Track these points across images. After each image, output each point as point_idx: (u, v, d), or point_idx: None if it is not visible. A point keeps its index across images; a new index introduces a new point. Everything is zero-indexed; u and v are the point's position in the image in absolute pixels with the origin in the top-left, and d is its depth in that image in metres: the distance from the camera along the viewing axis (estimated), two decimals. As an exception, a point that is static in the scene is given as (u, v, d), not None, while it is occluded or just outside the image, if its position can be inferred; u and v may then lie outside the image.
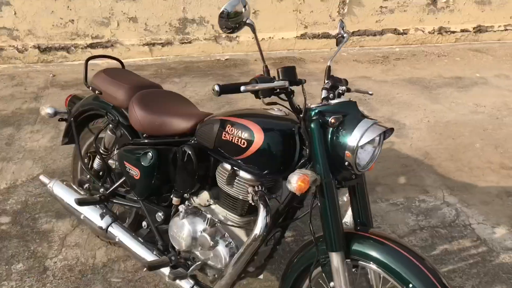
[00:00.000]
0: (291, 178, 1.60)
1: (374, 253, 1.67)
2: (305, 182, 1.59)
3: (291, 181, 1.59)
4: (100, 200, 2.34)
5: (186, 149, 2.05)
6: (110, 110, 2.34)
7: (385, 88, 4.92)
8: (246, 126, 1.80)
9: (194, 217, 2.07)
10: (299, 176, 1.59)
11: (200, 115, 2.12)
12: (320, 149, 1.65)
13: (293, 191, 1.60)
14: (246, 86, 1.62)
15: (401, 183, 3.23)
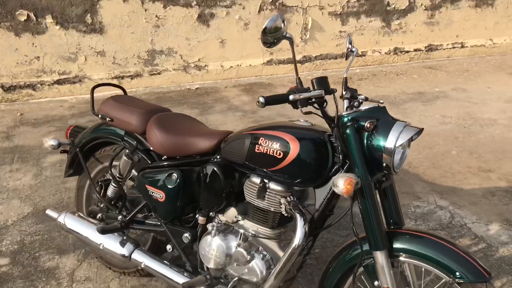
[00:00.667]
0: (337, 182, 1.67)
1: (415, 248, 1.75)
2: (352, 184, 1.67)
3: (338, 185, 1.66)
4: (121, 227, 2.30)
5: (212, 167, 2.08)
6: (125, 136, 2.32)
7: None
8: (280, 138, 1.86)
9: (226, 233, 2.09)
10: (346, 179, 1.66)
11: (221, 133, 2.16)
12: (358, 153, 1.74)
13: (341, 194, 1.67)
14: (293, 95, 1.70)
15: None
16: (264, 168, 1.91)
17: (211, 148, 2.13)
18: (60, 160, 3.97)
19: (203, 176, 2.10)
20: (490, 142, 4.23)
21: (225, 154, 2.05)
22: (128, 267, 2.53)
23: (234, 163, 2.03)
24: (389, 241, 1.79)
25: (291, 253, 1.87)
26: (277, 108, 5.10)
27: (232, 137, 2.07)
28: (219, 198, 2.08)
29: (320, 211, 1.93)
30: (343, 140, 1.78)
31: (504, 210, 3.19)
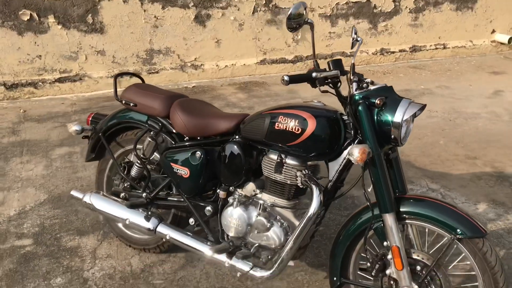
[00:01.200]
0: (353, 151, 1.89)
1: (420, 210, 1.98)
2: (365, 153, 1.89)
3: (353, 153, 1.88)
4: (147, 202, 2.48)
5: (233, 145, 2.29)
6: (149, 119, 2.51)
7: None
8: (298, 115, 2.09)
9: (246, 205, 2.30)
10: (360, 148, 1.88)
11: (239, 115, 2.37)
12: (369, 127, 1.97)
13: (355, 161, 1.89)
14: (315, 73, 1.93)
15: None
16: (283, 143, 2.13)
17: (230, 128, 2.33)
18: (68, 153, 4.13)
19: (224, 154, 2.31)
20: (474, 133, 4.53)
21: (245, 133, 2.26)
22: (148, 243, 2.72)
23: (254, 141, 2.24)
24: (396, 206, 2.01)
25: (308, 219, 2.09)
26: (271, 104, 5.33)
27: (251, 117, 2.28)
28: (239, 174, 2.29)
29: (333, 182, 2.15)
30: (355, 116, 2.01)
31: (491, 191, 3.46)
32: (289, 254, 2.15)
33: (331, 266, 2.21)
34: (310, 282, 2.58)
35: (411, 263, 2.00)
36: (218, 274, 2.63)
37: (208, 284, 2.56)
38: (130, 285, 2.55)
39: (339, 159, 2.12)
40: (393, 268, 2.00)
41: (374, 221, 2.04)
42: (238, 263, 2.24)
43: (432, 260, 1.96)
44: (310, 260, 2.74)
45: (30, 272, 2.64)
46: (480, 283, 1.91)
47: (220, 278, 2.60)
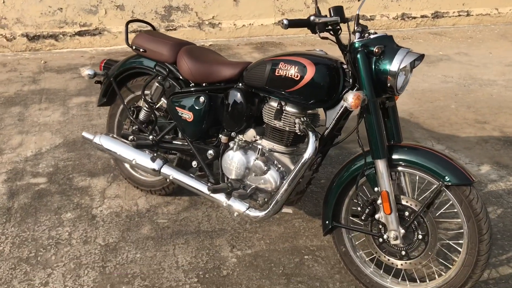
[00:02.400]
0: (347, 96, 1.94)
1: (411, 157, 2.04)
2: (359, 99, 1.95)
3: (348, 99, 1.94)
4: (153, 144, 2.60)
5: (236, 92, 2.36)
6: (158, 65, 2.59)
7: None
8: (298, 62, 2.14)
9: (246, 149, 2.39)
10: (354, 94, 1.94)
11: (243, 63, 2.44)
12: (366, 75, 2.01)
13: (349, 107, 1.95)
14: (314, 18, 1.98)
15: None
16: (282, 90, 2.19)
17: (234, 76, 2.41)
18: (85, 102, 4.27)
19: (227, 100, 2.39)
20: (487, 99, 4.50)
21: (247, 80, 2.33)
22: (154, 185, 2.85)
23: (256, 87, 2.31)
24: (389, 153, 2.07)
25: (303, 164, 2.17)
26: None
27: (253, 64, 2.34)
28: (240, 120, 2.37)
29: (329, 130, 2.21)
30: (353, 64, 2.05)
31: (496, 154, 3.48)
32: (283, 196, 2.25)
33: (324, 211, 2.29)
34: (307, 229, 2.68)
35: (400, 209, 2.07)
36: (219, 216, 2.75)
37: (209, 225, 2.68)
38: (135, 222, 2.69)
39: (336, 107, 2.18)
40: (382, 212, 2.08)
41: (366, 167, 2.11)
42: (235, 203, 2.35)
43: (420, 206, 2.03)
44: (309, 209, 2.84)
45: (43, 207, 2.80)
46: (464, 229, 1.98)
47: (221, 220, 2.72)
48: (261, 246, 2.54)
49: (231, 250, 2.50)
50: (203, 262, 2.41)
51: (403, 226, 2.06)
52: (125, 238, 2.56)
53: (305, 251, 2.52)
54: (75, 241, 2.53)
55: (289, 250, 2.52)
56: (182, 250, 2.49)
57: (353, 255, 2.28)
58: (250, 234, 2.63)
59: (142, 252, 2.47)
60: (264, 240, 2.58)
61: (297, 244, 2.56)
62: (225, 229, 2.66)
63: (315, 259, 2.47)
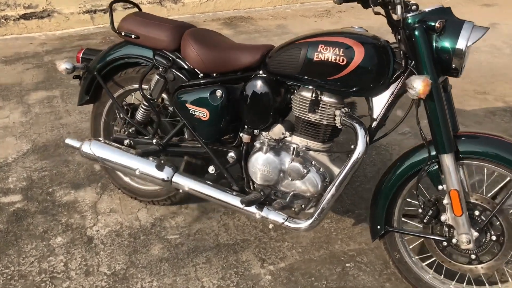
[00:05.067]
0: (414, 83, 1.62)
1: (479, 148, 1.76)
2: (429, 85, 1.63)
3: (415, 86, 1.61)
4: (159, 150, 2.18)
5: (259, 82, 1.99)
6: (156, 54, 2.15)
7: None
8: (343, 43, 1.79)
9: (277, 149, 2.03)
10: (423, 80, 1.62)
11: (263, 47, 2.05)
12: (428, 55, 1.69)
13: (417, 95, 1.63)
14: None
15: (398, 115, 3.40)
16: (322, 77, 1.84)
17: (254, 62, 2.02)
18: (46, 97, 3.71)
19: (248, 92, 2.00)
20: (478, 68, 4.33)
21: (273, 68, 1.95)
22: (158, 195, 2.43)
23: (284, 75, 1.95)
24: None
25: (354, 163, 1.84)
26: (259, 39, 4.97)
27: (280, 49, 1.96)
28: (266, 115, 2.01)
29: (379, 121, 1.89)
30: (409, 43, 1.72)
31: (508, 127, 3.31)
32: (330, 203, 1.92)
33: (374, 213, 1.99)
34: (338, 231, 2.38)
35: (469, 208, 1.81)
36: (238, 225, 2.39)
37: (228, 236, 2.32)
38: (142, 242, 2.29)
39: (384, 94, 1.86)
40: (450, 214, 1.80)
41: (430, 162, 1.81)
42: (270, 214, 2.00)
43: (492, 203, 1.77)
44: (334, 207, 2.53)
45: (25, 232, 2.33)
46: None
47: (241, 229, 2.37)
48: (294, 256, 2.22)
49: (262, 265, 2.16)
50: (234, 284, 2.06)
51: (476, 228, 1.79)
52: (134, 263, 2.16)
53: (345, 258, 2.22)
54: (74, 273, 2.10)
55: (326, 258, 2.22)
56: (205, 271, 2.12)
57: (409, 261, 2.00)
58: (278, 243, 2.29)
59: (158, 279, 2.08)
60: (295, 249, 2.26)
61: (333, 250, 2.26)
62: (248, 239, 2.31)
63: (358, 266, 2.18)
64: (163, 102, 2.33)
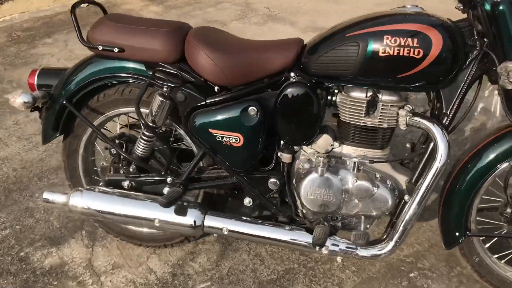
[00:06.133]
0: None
1: None
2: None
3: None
4: (183, 191, 1.71)
5: (300, 88, 1.59)
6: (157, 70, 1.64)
7: (285, 2, 4.75)
8: (415, 31, 1.45)
9: (334, 168, 1.66)
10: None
11: (292, 42, 1.64)
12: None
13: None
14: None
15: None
16: (391, 76, 1.50)
17: (288, 64, 1.61)
18: (-34, 125, 2.96)
19: (286, 103, 1.60)
20: None
21: (317, 69, 1.56)
22: (173, 237, 1.97)
23: (334, 78, 1.57)
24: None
25: (438, 171, 1.55)
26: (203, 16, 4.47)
27: (322, 44, 1.56)
28: (313, 126, 1.63)
29: (452, 115, 1.59)
30: (491, 21, 1.42)
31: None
32: (411, 222, 1.62)
33: (449, 217, 1.72)
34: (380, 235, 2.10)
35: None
36: (272, 252, 2.03)
37: (267, 270, 1.96)
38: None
39: (456, 84, 1.55)
40: (546, 209, 1.58)
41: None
42: (340, 246, 1.66)
43: None
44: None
45: (11, 324, 1.78)
46: None
47: (278, 257, 2.01)
48: (351, 278, 1.92)
49: (322, 298, 1.84)
50: (301, 331, 1.72)
51: None
52: (172, 333, 1.73)
53: (405, 267, 1.97)
54: None
55: (386, 272, 1.94)
56: (261, 322, 1.75)
57: (490, 263, 1.79)
58: (326, 265, 1.98)
59: None
60: (349, 269, 1.96)
61: (389, 261, 1.99)
62: (292, 268, 1.96)
63: (423, 274, 1.94)
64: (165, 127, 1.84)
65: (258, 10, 4.59)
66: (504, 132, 1.61)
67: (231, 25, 4.25)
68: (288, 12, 4.54)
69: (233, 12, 4.56)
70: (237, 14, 4.51)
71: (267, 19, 4.41)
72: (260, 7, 4.65)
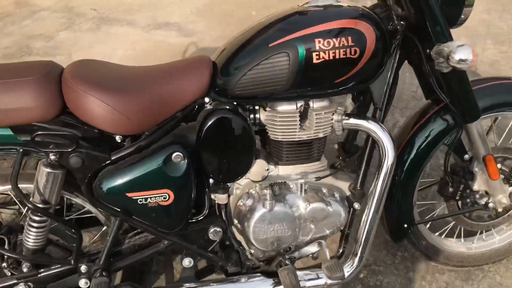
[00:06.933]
0: (461, 55, 1.24)
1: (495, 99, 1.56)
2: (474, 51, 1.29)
3: (466, 58, 1.24)
4: (110, 278, 1.31)
5: (224, 116, 1.33)
6: (35, 137, 1.20)
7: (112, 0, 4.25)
8: (347, 28, 1.28)
9: (280, 195, 1.45)
10: (467, 47, 1.26)
11: (199, 63, 1.35)
12: (441, 13, 1.34)
13: (468, 67, 1.26)
14: None
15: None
16: (328, 83, 1.33)
17: (202, 90, 1.32)
18: None
19: (211, 136, 1.32)
20: None
21: (241, 90, 1.31)
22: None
23: (261, 97, 1.33)
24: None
25: (388, 172, 1.43)
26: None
27: (242, 60, 1.30)
28: (248, 154, 1.39)
29: (385, 108, 1.48)
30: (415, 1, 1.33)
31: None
32: (373, 230, 1.49)
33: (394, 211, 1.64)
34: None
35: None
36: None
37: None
38: None
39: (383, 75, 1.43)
40: (484, 180, 1.60)
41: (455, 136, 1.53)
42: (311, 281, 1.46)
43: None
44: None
45: None
46: None
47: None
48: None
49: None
50: None
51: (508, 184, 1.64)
52: None
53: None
54: None
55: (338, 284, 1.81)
56: None
57: (436, 243, 1.78)
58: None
59: None
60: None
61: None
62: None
63: (371, 270, 1.88)
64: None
65: (85, 14, 4.03)
66: (431, 115, 1.56)
67: (59, 37, 3.65)
68: (120, 11, 4.07)
69: (56, 21, 3.92)
70: (61, 22, 3.89)
71: (100, 22, 3.89)
72: (86, 10, 4.09)
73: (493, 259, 1.83)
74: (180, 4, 4.12)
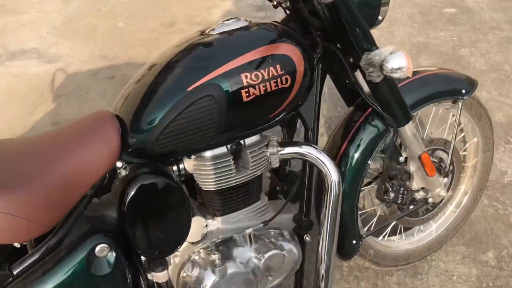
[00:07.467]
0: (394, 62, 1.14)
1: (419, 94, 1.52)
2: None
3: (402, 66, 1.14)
4: None
5: (149, 177, 1.09)
6: None
7: None
8: (273, 55, 1.11)
9: (228, 255, 1.24)
10: (402, 55, 1.16)
11: (101, 121, 1.09)
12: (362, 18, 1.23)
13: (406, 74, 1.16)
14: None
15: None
16: (261, 118, 1.16)
17: (113, 157, 1.07)
18: None
19: (137, 210, 1.08)
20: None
21: (163, 146, 1.08)
22: None
23: (183, 150, 1.11)
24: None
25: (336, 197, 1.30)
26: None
27: (158, 112, 1.07)
28: (185, 219, 1.17)
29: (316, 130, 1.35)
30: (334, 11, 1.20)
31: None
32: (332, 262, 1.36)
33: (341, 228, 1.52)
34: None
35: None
36: None
37: None
38: None
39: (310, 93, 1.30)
40: (421, 178, 1.55)
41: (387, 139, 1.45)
42: None
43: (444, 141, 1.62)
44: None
45: None
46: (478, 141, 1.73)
47: None
48: None
49: None
50: None
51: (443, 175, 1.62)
52: None
53: None
54: None
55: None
56: None
57: (382, 248, 1.72)
58: None
59: None
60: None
61: None
62: None
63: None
64: None
65: None
66: (360, 124, 1.46)
67: None
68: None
69: None
70: None
71: None
72: None
73: (435, 248, 1.82)
74: (32, 26, 3.61)
